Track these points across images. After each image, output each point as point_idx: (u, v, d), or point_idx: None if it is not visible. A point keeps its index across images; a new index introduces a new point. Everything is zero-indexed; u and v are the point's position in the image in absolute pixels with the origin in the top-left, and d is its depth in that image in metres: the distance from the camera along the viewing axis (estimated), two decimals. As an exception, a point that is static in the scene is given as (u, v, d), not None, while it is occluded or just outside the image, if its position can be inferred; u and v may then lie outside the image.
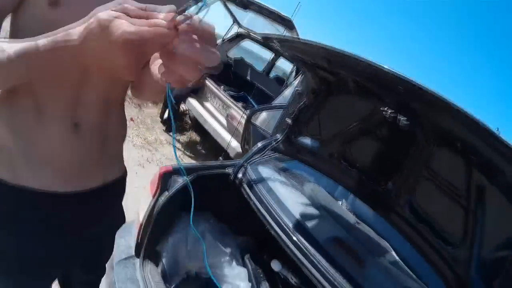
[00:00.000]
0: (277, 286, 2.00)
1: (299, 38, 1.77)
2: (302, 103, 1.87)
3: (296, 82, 3.36)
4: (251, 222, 1.74)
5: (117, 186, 1.07)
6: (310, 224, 1.77)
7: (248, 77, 5.50)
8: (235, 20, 5.09)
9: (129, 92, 1.03)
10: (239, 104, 4.19)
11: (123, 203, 1.16)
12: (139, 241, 1.63)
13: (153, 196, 1.63)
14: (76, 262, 1.11)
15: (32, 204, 0.85)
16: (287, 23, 3.71)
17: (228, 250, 1.98)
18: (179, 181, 1.67)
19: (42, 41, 0.58)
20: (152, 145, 4.41)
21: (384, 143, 1.62)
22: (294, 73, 4.50)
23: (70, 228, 0.93)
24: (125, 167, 1.11)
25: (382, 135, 1.59)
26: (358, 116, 1.64)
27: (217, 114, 4.40)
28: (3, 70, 0.63)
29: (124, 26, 0.49)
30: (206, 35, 0.52)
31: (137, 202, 1.79)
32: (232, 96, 4.46)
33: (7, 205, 0.84)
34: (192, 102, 4.71)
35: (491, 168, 1.16)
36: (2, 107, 0.82)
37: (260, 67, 5.90)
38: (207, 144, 5.08)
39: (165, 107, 5.03)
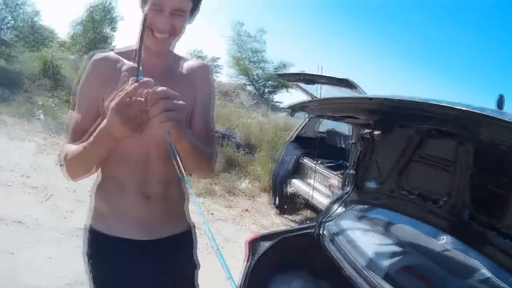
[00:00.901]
0: None
1: (313, 100, 2.00)
2: (358, 152, 2.02)
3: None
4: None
5: (184, 237, 1.43)
6: (383, 261, 1.81)
7: (343, 145, 5.66)
8: (312, 96, 5.43)
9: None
10: (337, 172, 4.35)
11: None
12: (238, 302, 1.83)
13: (246, 261, 1.89)
14: None
15: (121, 248, 1.28)
16: (346, 83, 3.91)
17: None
18: (266, 245, 1.91)
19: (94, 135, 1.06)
20: (269, 229, 4.68)
21: (429, 161, 1.68)
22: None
23: (147, 266, 1.32)
24: (190, 224, 1.47)
25: (424, 154, 1.67)
26: (400, 146, 1.75)
27: (320, 187, 4.59)
28: (85, 157, 1.14)
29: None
30: (160, 95, 0.91)
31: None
32: (330, 167, 4.65)
33: (106, 248, 1.30)
34: (296, 182, 5.01)
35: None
36: (100, 187, 1.31)
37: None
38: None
39: (274, 194, 5.37)
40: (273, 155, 7.27)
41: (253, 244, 1.90)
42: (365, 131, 1.76)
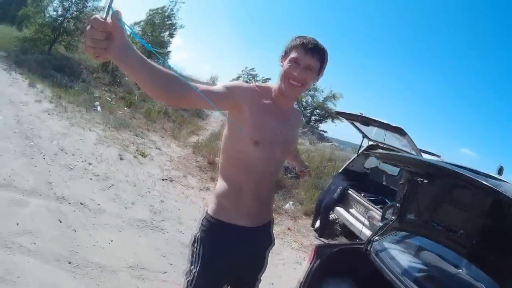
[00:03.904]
0: None
1: (383, 152, 2.87)
2: (404, 191, 2.82)
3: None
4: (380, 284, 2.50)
5: (270, 224, 2.05)
6: (416, 273, 2.57)
7: (384, 182, 6.44)
8: (364, 135, 6.27)
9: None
10: (377, 206, 5.12)
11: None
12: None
13: (310, 263, 2.59)
14: (249, 266, 2.00)
15: (236, 232, 1.83)
16: (399, 131, 4.67)
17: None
18: (327, 252, 2.62)
19: None
20: (308, 248, 5.43)
21: (453, 204, 2.52)
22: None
23: (252, 244, 1.90)
24: (272, 215, 2.09)
25: (450, 199, 2.50)
26: (436, 191, 2.57)
27: (360, 217, 5.37)
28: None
29: None
30: None
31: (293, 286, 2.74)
32: (371, 201, 5.43)
33: (224, 232, 1.83)
34: (340, 210, 5.83)
35: None
36: (223, 187, 1.83)
37: (395, 171, 6.76)
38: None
39: (316, 217, 6.18)
40: (317, 182, 8.06)
41: (318, 249, 2.60)
42: (414, 178, 2.59)
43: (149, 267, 3.54)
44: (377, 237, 2.94)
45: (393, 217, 2.98)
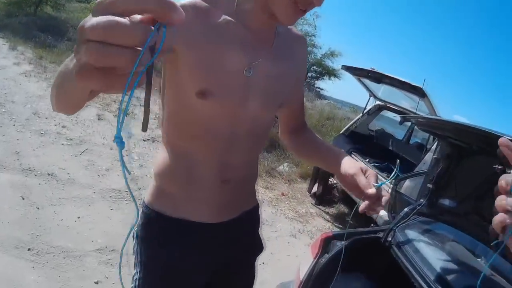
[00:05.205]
0: None
1: (428, 117, 2.12)
2: (440, 168, 2.13)
3: (433, 147, 3.54)
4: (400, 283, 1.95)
5: (252, 214, 1.34)
6: (449, 277, 1.94)
7: (390, 147, 5.79)
8: (372, 94, 5.55)
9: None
10: (384, 175, 4.46)
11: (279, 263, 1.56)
12: (298, 296, 1.95)
13: (314, 258, 1.97)
14: (217, 277, 1.31)
15: (188, 230, 1.15)
16: (419, 91, 3.96)
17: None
18: (338, 245, 2.00)
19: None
20: (303, 217, 4.87)
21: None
22: (432, 138, 4.57)
23: (216, 248, 1.21)
24: (257, 200, 1.38)
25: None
26: (485, 174, 1.87)
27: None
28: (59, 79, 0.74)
29: None
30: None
31: (287, 267, 2.15)
32: (377, 167, 4.77)
33: (166, 231, 1.14)
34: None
35: None
36: (167, 164, 1.13)
37: (400, 135, 6.19)
38: (356, 215, 5.32)
39: (313, 182, 5.53)
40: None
41: (325, 241, 2.00)
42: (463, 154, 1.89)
43: (120, 249, 2.90)
44: (401, 225, 2.29)
45: (421, 200, 2.30)
